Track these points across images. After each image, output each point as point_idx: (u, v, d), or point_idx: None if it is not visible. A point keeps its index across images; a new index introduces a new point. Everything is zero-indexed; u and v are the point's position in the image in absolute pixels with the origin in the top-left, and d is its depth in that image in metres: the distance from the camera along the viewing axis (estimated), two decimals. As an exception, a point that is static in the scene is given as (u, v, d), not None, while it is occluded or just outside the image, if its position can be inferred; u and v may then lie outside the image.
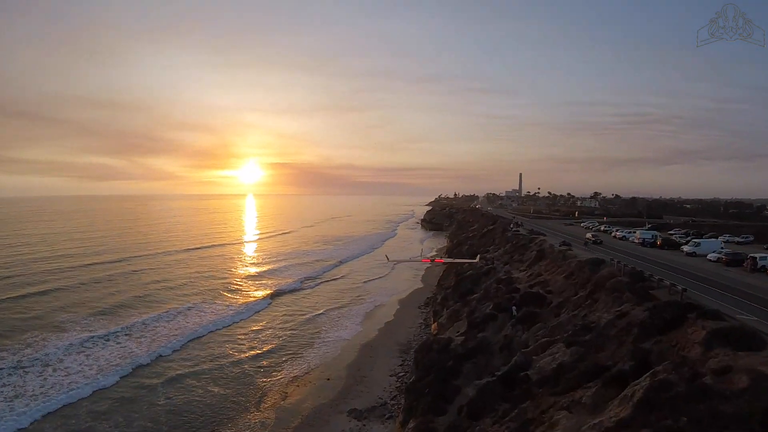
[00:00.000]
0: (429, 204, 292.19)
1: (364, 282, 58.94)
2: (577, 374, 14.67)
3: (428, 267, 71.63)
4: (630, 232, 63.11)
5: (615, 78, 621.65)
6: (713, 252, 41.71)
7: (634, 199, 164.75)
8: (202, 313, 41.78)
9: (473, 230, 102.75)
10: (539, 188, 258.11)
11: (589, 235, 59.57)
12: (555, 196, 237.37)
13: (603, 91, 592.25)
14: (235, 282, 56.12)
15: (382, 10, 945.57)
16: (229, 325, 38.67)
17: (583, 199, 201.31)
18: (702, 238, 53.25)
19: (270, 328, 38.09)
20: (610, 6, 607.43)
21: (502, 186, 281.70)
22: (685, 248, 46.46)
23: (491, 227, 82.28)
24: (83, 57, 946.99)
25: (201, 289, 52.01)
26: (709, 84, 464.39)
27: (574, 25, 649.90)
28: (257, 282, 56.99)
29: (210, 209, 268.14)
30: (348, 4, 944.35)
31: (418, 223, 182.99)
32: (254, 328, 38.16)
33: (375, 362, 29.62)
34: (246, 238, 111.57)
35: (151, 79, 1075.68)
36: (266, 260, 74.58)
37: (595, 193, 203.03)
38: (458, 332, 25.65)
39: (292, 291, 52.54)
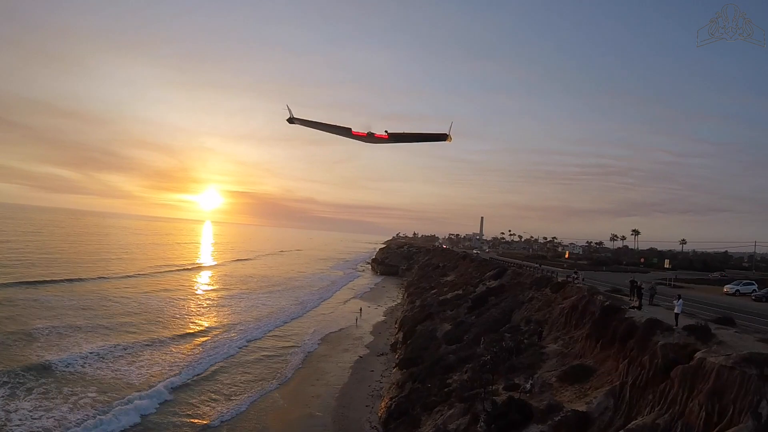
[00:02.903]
0: (385, 243, 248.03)
1: (221, 419, 25.26)
2: None
3: (360, 357, 43.50)
4: None
5: (580, 127, 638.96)
6: None
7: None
8: None
9: (450, 283, 69.91)
10: (510, 230, 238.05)
11: None
12: (530, 239, 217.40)
13: (567, 141, 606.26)
14: None
15: (351, 40, 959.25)
16: None
17: (595, 243, 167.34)
18: None
19: None
20: (584, 52, 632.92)
21: (462, 229, 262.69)
22: None
23: (494, 283, 49.96)
24: (44, 62, 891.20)
25: None
26: (670, 137, 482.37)
27: (545, 72, 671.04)
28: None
29: (146, 231, 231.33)
30: (315, 33, 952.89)
31: (368, 263, 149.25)
32: None
33: None
34: (142, 270, 76.42)
35: (113, 92, 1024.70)
36: (121, 327, 43.05)
37: (634, 231, 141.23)
38: None
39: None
